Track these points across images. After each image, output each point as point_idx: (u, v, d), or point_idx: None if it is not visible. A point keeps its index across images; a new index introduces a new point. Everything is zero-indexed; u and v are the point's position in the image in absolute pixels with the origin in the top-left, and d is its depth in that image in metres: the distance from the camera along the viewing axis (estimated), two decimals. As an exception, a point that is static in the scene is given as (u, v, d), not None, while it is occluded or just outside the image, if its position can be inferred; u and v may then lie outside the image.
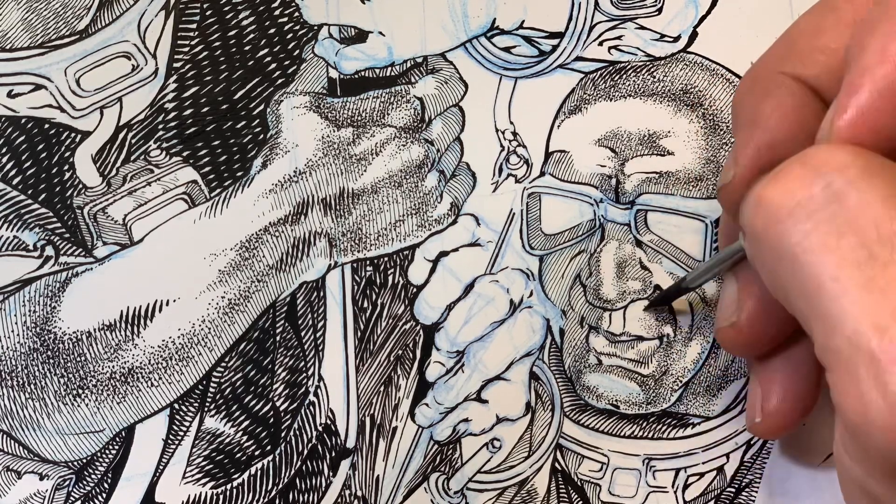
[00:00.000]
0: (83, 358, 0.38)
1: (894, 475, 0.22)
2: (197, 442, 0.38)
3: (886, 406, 0.21)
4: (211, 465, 0.38)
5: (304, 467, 0.38)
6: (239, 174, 0.40)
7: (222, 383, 0.39)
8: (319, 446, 0.39)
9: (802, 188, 0.24)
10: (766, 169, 0.28)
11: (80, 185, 0.39)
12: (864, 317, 0.22)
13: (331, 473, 0.39)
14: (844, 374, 0.22)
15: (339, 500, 0.38)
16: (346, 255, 0.40)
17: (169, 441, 0.38)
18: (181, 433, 0.38)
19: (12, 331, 0.38)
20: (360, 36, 0.41)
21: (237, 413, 0.39)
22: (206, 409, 0.38)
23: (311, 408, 0.39)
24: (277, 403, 0.39)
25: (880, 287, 0.22)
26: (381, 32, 0.41)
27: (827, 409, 0.27)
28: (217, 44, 0.41)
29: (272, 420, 0.39)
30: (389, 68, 0.41)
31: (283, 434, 0.39)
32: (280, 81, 0.41)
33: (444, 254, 0.40)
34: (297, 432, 0.39)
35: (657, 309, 0.39)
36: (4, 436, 0.38)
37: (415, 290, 0.40)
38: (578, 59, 0.41)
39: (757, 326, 0.32)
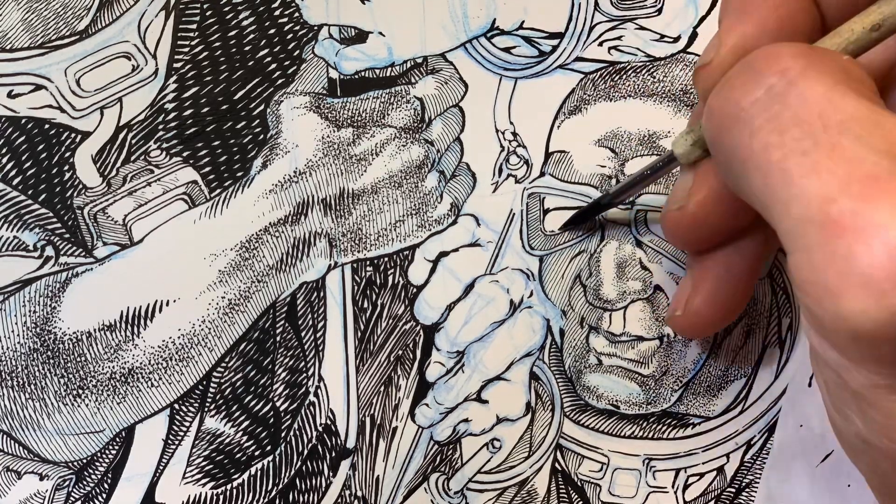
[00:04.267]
0: (83, 358, 0.38)
1: (848, 342, 0.23)
2: (197, 442, 0.38)
3: (835, 272, 0.22)
4: (211, 466, 0.38)
5: (304, 467, 0.38)
6: (239, 174, 0.40)
7: (222, 383, 0.39)
8: (319, 446, 0.39)
9: (745, 94, 0.25)
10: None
11: (81, 186, 0.39)
12: (813, 194, 0.23)
13: (331, 474, 0.39)
14: (800, 253, 0.23)
15: (339, 500, 0.38)
16: (346, 255, 0.40)
17: (169, 441, 0.38)
18: (181, 433, 0.38)
19: (12, 331, 0.38)
20: (360, 36, 0.41)
21: (237, 413, 0.39)
22: (206, 409, 0.38)
23: (311, 408, 0.39)
24: (277, 404, 0.39)
25: (826, 168, 0.23)
26: (381, 33, 0.41)
27: (826, 408, 0.27)
28: (217, 44, 0.41)
29: (272, 420, 0.39)
30: (389, 68, 0.41)
31: (283, 434, 0.39)
32: (280, 82, 0.41)
33: (444, 254, 0.40)
34: (297, 432, 0.39)
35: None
36: (4, 436, 0.38)
37: (415, 290, 0.40)
38: (578, 59, 0.41)
39: (702, 215, 0.32)
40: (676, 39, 0.41)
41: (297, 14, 0.41)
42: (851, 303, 0.22)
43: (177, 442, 0.38)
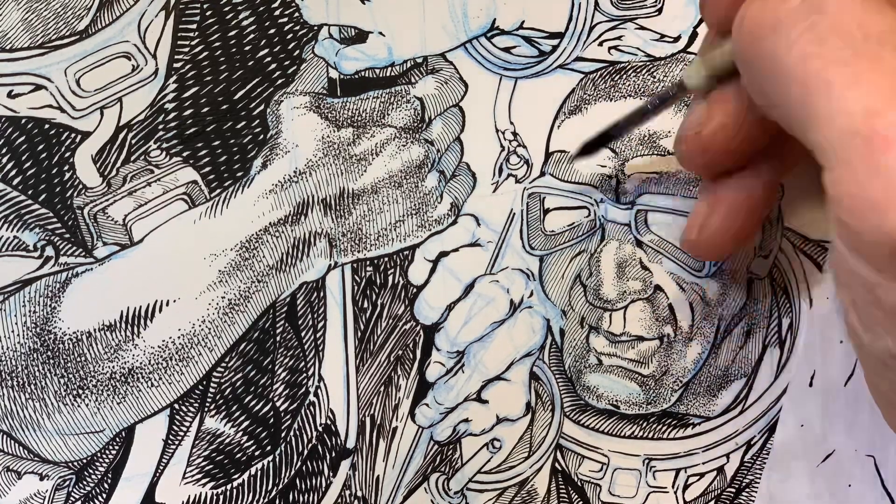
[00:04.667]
0: (83, 358, 0.38)
1: (889, 257, 0.22)
2: (197, 442, 0.38)
3: (880, 186, 0.22)
4: (211, 466, 0.38)
5: (304, 467, 0.38)
6: (239, 174, 0.40)
7: (222, 383, 0.39)
8: (319, 446, 0.39)
9: (783, 2, 0.25)
10: None
11: (81, 186, 0.39)
12: (856, 106, 0.22)
13: (331, 474, 0.39)
14: (841, 166, 0.23)
15: (339, 500, 0.38)
16: (346, 255, 0.40)
17: (169, 441, 0.38)
18: (181, 433, 0.38)
19: (12, 331, 0.38)
20: (360, 36, 0.41)
21: (237, 413, 0.39)
22: (206, 409, 0.38)
23: (311, 408, 0.39)
24: (277, 404, 0.39)
25: (868, 79, 0.22)
26: (381, 33, 0.41)
27: (827, 411, 0.27)
28: (217, 44, 0.41)
29: (272, 420, 0.39)
30: (389, 68, 0.41)
31: (283, 434, 0.39)
32: (280, 82, 0.41)
33: (444, 254, 0.40)
34: (298, 432, 0.39)
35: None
36: (4, 436, 0.38)
37: (415, 290, 0.40)
38: (578, 59, 0.41)
39: (720, 139, 0.32)
40: (676, 39, 0.41)
41: (297, 14, 0.41)
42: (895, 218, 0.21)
43: (177, 442, 0.38)
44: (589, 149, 0.39)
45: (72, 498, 0.38)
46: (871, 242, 0.22)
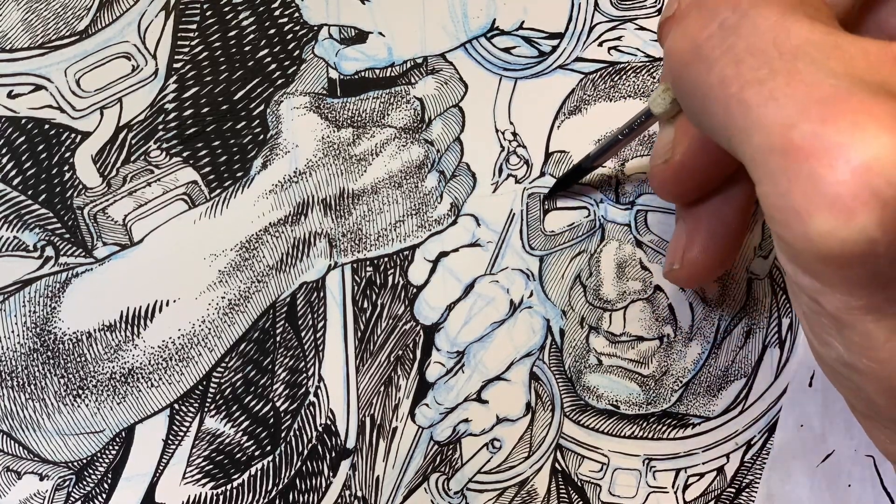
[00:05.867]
0: (83, 358, 0.38)
1: (819, 264, 0.23)
2: (197, 442, 0.38)
3: (801, 195, 0.22)
4: (211, 466, 0.38)
5: (304, 468, 0.38)
6: (239, 174, 0.40)
7: (222, 384, 0.39)
8: (319, 447, 0.39)
9: (700, 30, 0.25)
10: None
11: (80, 186, 0.39)
12: (772, 122, 0.22)
13: (331, 474, 0.39)
14: (766, 180, 0.23)
15: (339, 500, 0.38)
16: (346, 255, 0.40)
17: (169, 441, 0.38)
18: (181, 433, 0.38)
19: (12, 331, 0.38)
20: (360, 36, 0.41)
21: (237, 413, 0.39)
22: (206, 409, 0.38)
23: (311, 408, 0.39)
24: (277, 404, 0.39)
25: (784, 94, 0.23)
26: (381, 33, 0.41)
27: (827, 410, 0.27)
28: (217, 44, 0.41)
29: (272, 420, 0.39)
30: (389, 69, 0.41)
31: (283, 434, 0.39)
32: (280, 82, 0.41)
33: (444, 254, 0.40)
34: (297, 433, 0.39)
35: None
36: (4, 436, 0.38)
37: (415, 290, 0.40)
38: (578, 59, 0.41)
39: (688, 165, 0.32)
40: (676, 39, 0.41)
41: (297, 14, 0.41)
42: (819, 224, 0.22)
43: (177, 442, 0.38)
44: (563, 184, 0.39)
45: (72, 498, 0.38)
46: (801, 252, 0.23)
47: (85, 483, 0.38)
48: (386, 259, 0.40)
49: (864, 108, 0.21)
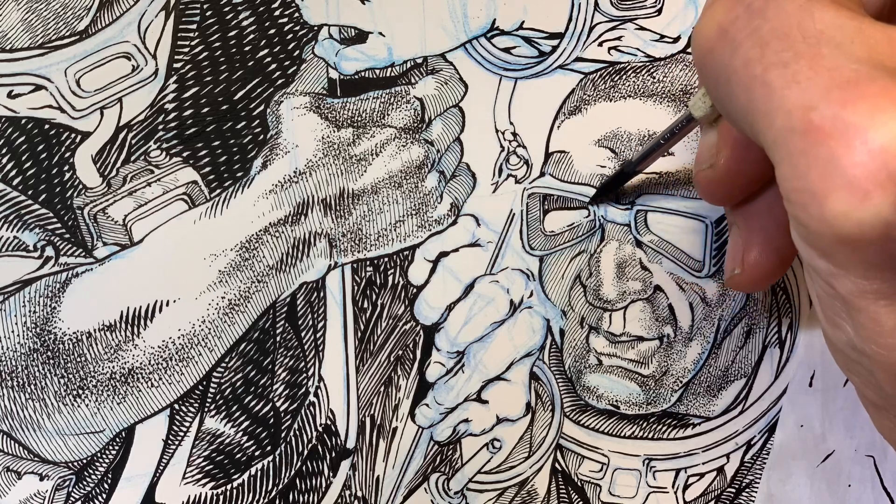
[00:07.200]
0: (83, 358, 0.38)
1: (834, 246, 0.23)
2: (197, 442, 0.38)
3: (818, 177, 0.22)
4: (211, 466, 0.38)
5: (304, 468, 0.38)
6: (239, 175, 0.40)
7: (222, 384, 0.39)
8: (319, 447, 0.39)
9: (726, 13, 0.26)
10: None
11: (81, 186, 0.39)
12: (794, 104, 0.23)
13: (331, 474, 0.39)
14: (785, 162, 0.23)
15: (339, 500, 0.38)
16: (347, 255, 0.40)
17: (169, 441, 0.38)
18: (181, 434, 0.38)
19: (12, 331, 0.38)
20: (360, 36, 0.41)
21: (237, 413, 0.39)
22: (206, 409, 0.38)
23: (311, 408, 0.39)
24: (277, 404, 0.39)
25: (807, 76, 0.23)
26: (381, 33, 0.41)
27: (827, 410, 0.27)
28: (217, 44, 0.41)
29: (272, 420, 0.39)
30: (389, 69, 0.41)
31: (283, 434, 0.39)
32: (280, 82, 0.41)
33: (444, 254, 0.40)
34: (298, 433, 0.39)
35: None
36: (4, 436, 0.38)
37: (415, 290, 0.40)
38: (578, 59, 0.41)
39: (734, 169, 0.32)
40: (676, 40, 0.41)
41: (297, 14, 0.41)
42: (836, 205, 0.22)
43: (177, 442, 0.38)
44: (606, 189, 0.39)
45: (72, 498, 0.38)
46: (816, 233, 0.23)
47: (85, 483, 0.38)
48: (386, 259, 0.40)
49: (885, 93, 0.22)
